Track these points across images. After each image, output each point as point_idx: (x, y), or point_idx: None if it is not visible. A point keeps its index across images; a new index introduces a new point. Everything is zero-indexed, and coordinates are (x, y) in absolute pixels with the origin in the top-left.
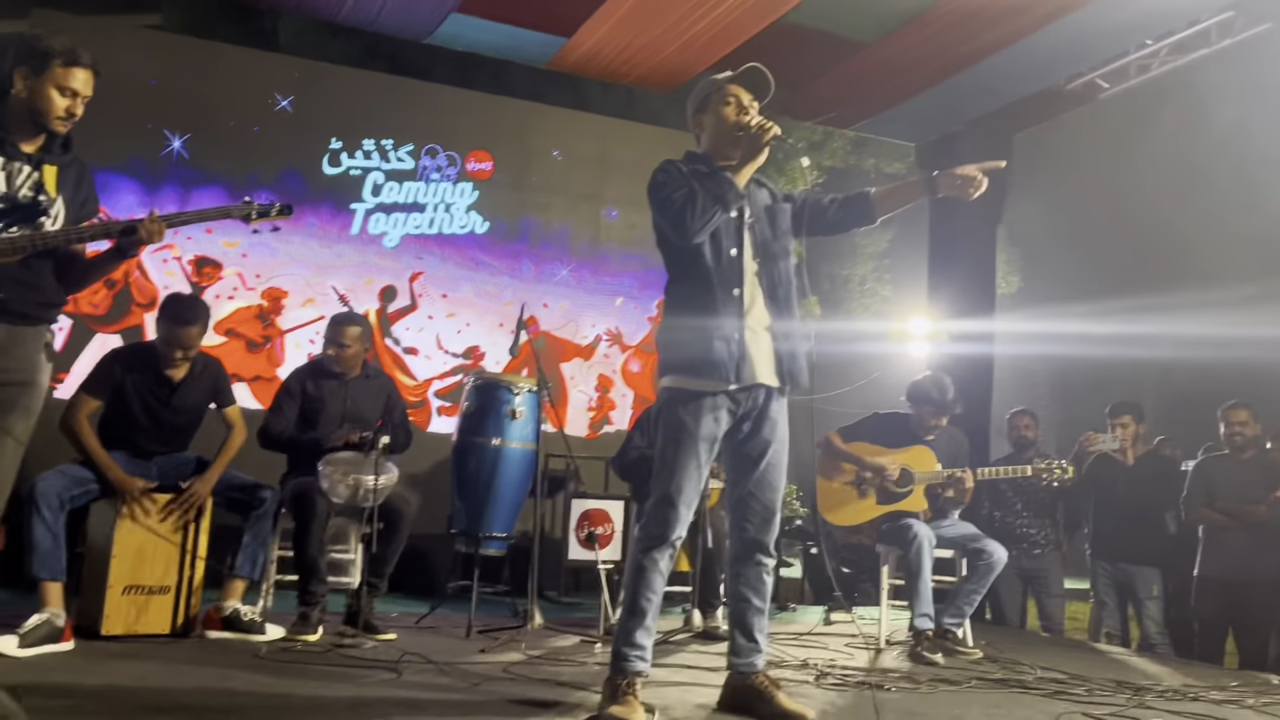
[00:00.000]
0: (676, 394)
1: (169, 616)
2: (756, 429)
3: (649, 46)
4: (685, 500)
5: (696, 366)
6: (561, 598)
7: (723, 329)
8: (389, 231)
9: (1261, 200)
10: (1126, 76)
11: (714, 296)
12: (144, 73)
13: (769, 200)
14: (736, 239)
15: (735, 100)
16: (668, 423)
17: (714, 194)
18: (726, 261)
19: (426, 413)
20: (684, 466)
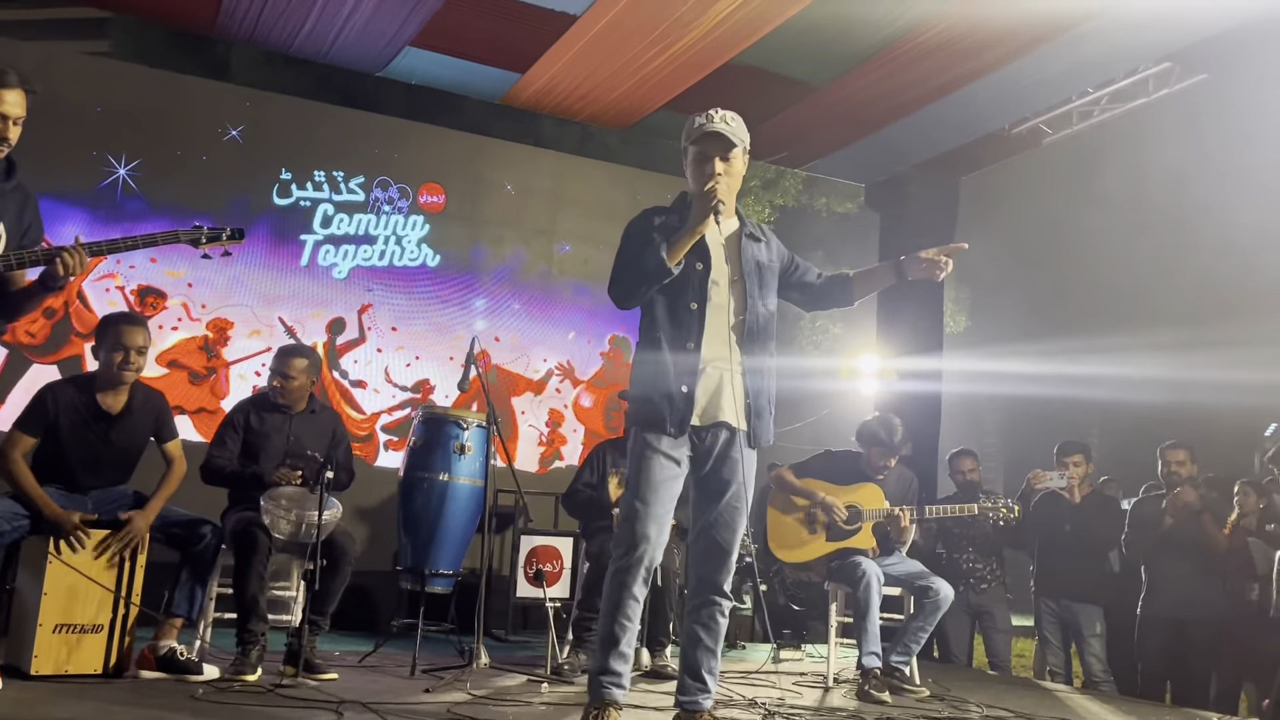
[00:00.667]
0: (639, 439)
1: (101, 656)
2: (717, 467)
3: (602, 85)
4: (647, 507)
5: (643, 423)
6: (509, 636)
7: (670, 382)
8: (339, 263)
9: (1197, 245)
10: (1069, 123)
11: (664, 349)
12: (90, 100)
13: (764, 256)
14: (699, 292)
15: (700, 158)
16: (631, 454)
17: (645, 266)
18: (684, 312)
19: (374, 447)
20: (651, 481)
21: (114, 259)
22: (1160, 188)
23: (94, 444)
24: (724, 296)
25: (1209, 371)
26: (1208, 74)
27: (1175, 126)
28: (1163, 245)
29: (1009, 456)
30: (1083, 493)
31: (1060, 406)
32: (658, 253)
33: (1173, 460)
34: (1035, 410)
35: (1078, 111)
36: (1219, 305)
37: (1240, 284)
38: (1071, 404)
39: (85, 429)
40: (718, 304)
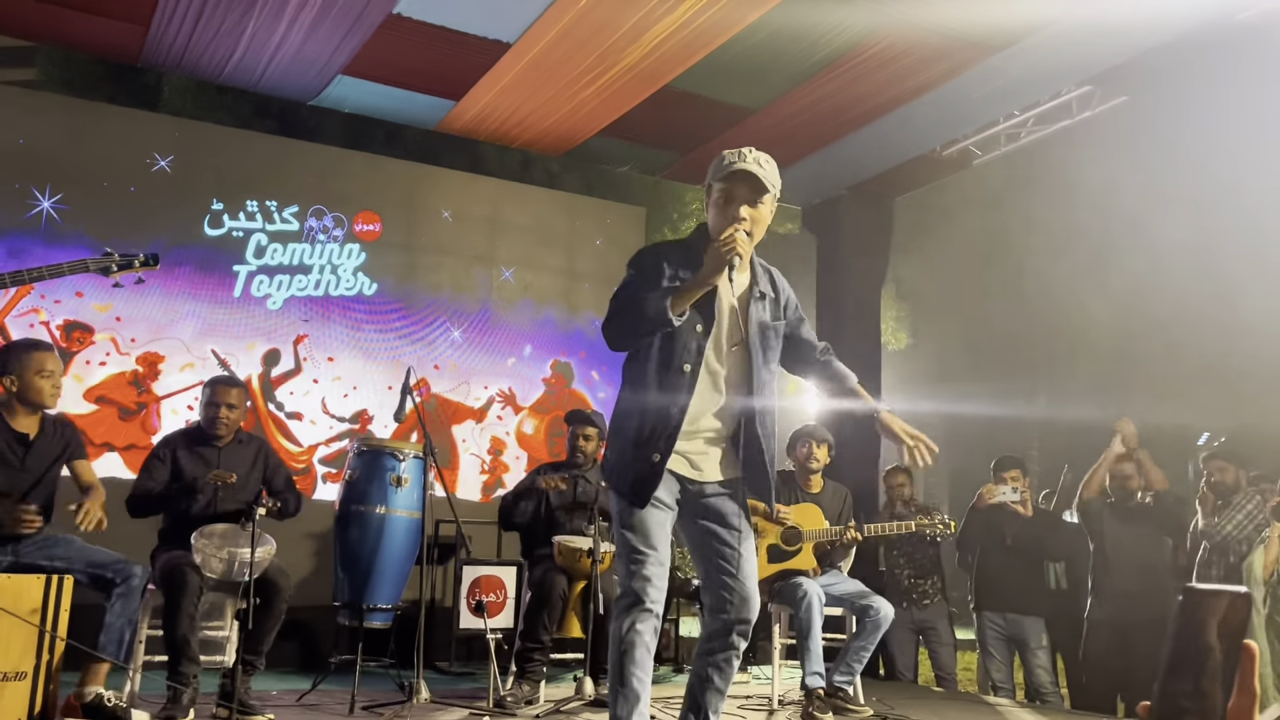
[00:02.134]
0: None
1: (25, 705)
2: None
3: (538, 111)
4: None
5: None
6: (453, 668)
7: (650, 447)
8: (273, 294)
9: (1124, 263)
10: (998, 144)
11: (648, 409)
12: (11, 131)
13: (768, 316)
14: (695, 355)
15: (724, 200)
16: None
17: (648, 313)
18: (675, 374)
19: (311, 479)
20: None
21: (38, 293)
22: (1088, 208)
23: (12, 469)
24: (723, 362)
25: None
26: (1127, 95)
27: (1101, 148)
28: (1091, 264)
29: (952, 471)
30: None
31: (1001, 423)
32: (661, 300)
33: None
34: (978, 427)
35: (1005, 133)
36: (1148, 323)
37: (1170, 300)
38: (1012, 420)
39: (4, 452)
40: (714, 370)
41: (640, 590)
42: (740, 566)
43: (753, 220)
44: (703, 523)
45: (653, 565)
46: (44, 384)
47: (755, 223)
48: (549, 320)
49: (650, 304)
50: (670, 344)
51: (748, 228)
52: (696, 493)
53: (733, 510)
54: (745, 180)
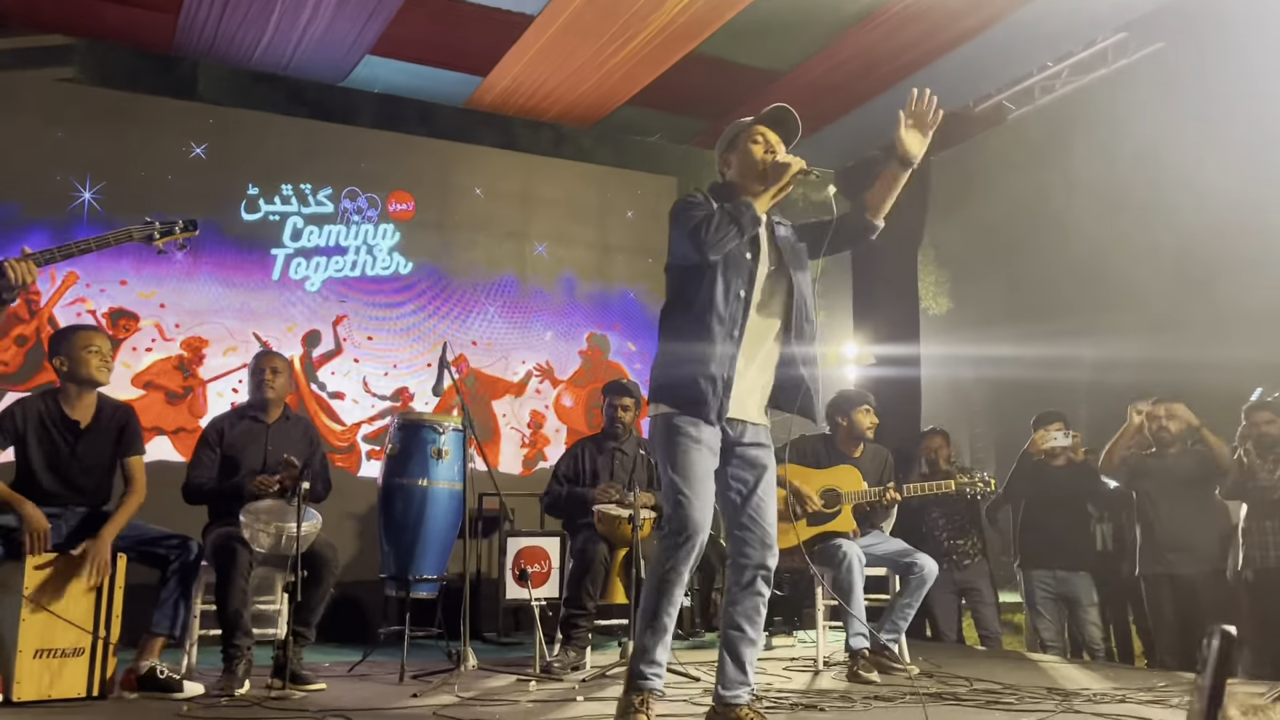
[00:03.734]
0: (670, 418)
1: (84, 679)
2: (747, 458)
3: (566, 82)
4: (696, 493)
5: (683, 404)
6: (501, 638)
7: (714, 367)
8: (311, 276)
9: (1172, 218)
10: (1032, 98)
11: (712, 334)
12: (52, 126)
13: (793, 237)
14: (748, 282)
15: (763, 139)
16: (666, 440)
17: (732, 214)
18: (733, 301)
19: (356, 457)
20: (692, 467)
21: (83, 282)
22: (1132, 160)
23: (62, 455)
24: (769, 285)
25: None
26: (1164, 41)
27: (1144, 97)
28: (1139, 220)
29: (998, 436)
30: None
31: (1046, 384)
32: (747, 203)
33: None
34: (1022, 390)
35: (1040, 86)
36: (1198, 278)
37: (1222, 255)
38: (1057, 381)
39: (53, 439)
40: (765, 293)
41: (684, 524)
42: (764, 513)
43: None
44: (733, 468)
45: (699, 507)
46: (90, 358)
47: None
48: (584, 293)
49: (741, 207)
50: (726, 271)
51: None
52: (735, 437)
53: (761, 456)
54: (780, 121)
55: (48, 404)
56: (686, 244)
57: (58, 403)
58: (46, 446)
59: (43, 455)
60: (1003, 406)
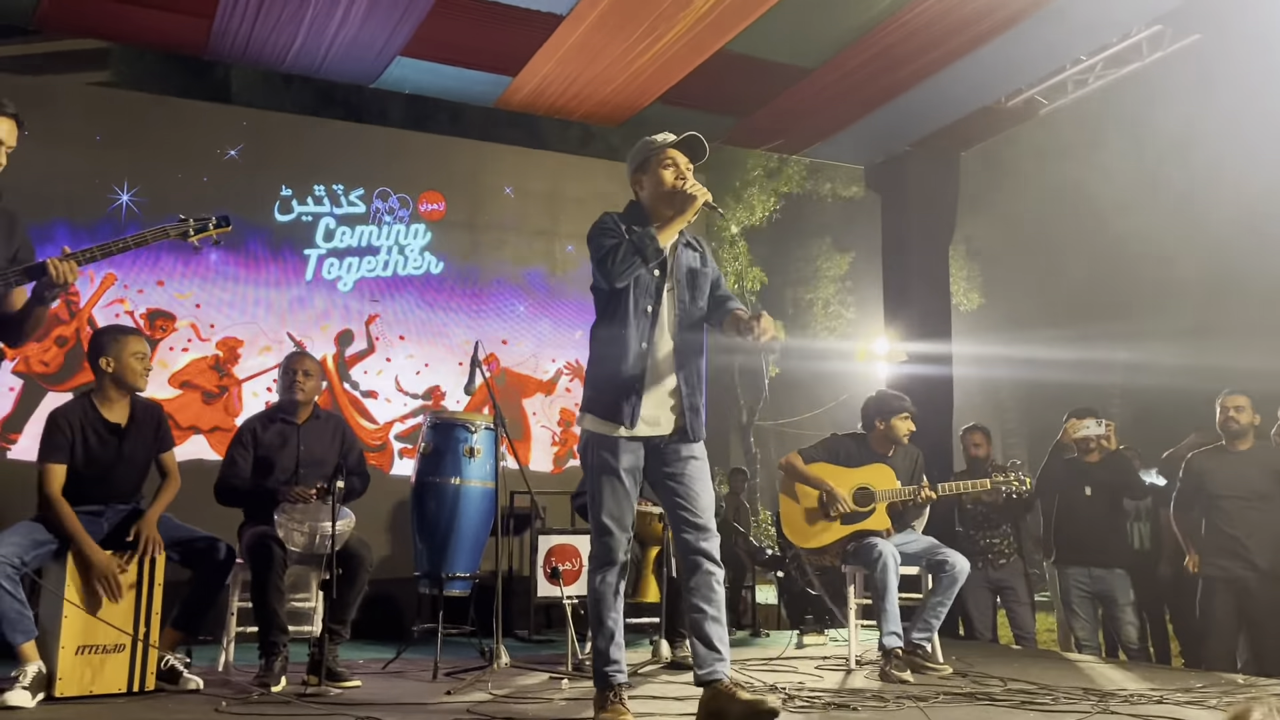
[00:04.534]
0: (592, 436)
1: (125, 675)
2: (668, 458)
3: (595, 82)
4: (619, 523)
5: (603, 410)
6: (532, 635)
7: (628, 380)
8: (343, 276)
9: (1208, 214)
10: (1064, 92)
11: (625, 348)
12: (89, 130)
13: (697, 264)
14: (654, 298)
15: (673, 163)
16: (590, 461)
17: (636, 246)
18: (639, 316)
19: (388, 455)
20: (608, 495)
21: (121, 283)
22: (1166, 154)
23: (108, 458)
24: (670, 300)
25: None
26: (1201, 34)
27: (1177, 91)
28: (1174, 215)
29: (1029, 434)
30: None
31: (1079, 382)
32: (651, 235)
33: (1231, 406)
34: (1054, 387)
35: (1073, 80)
36: (1234, 272)
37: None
38: (1090, 379)
39: (98, 444)
40: (666, 307)
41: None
42: (690, 498)
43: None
44: (662, 471)
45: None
46: (138, 365)
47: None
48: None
49: (644, 240)
50: (635, 288)
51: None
52: (657, 449)
53: (682, 451)
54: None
55: (86, 409)
56: (596, 272)
57: (95, 406)
58: (92, 451)
59: (89, 459)
60: (1034, 404)
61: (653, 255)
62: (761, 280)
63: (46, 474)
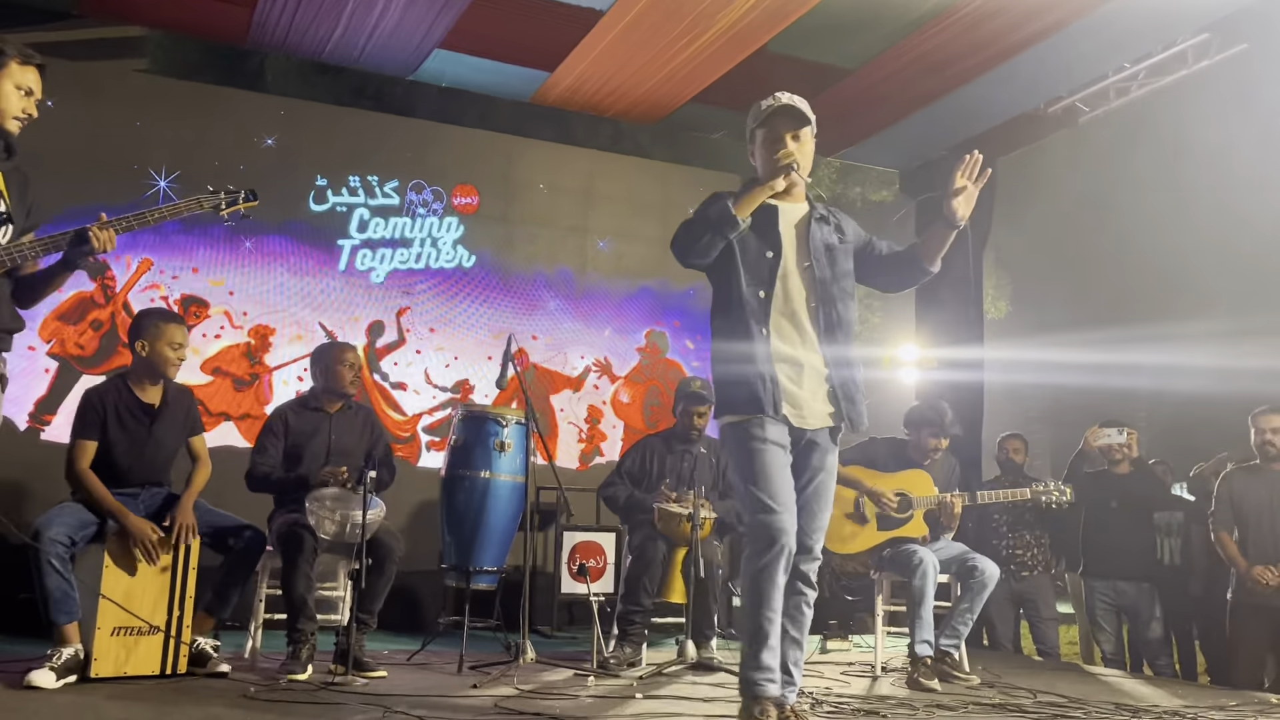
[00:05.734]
0: (737, 425)
1: (159, 657)
2: (804, 456)
3: (631, 79)
4: (781, 503)
5: (739, 405)
6: (555, 632)
7: (757, 368)
8: (376, 267)
9: (1244, 225)
10: (1106, 100)
11: (746, 333)
12: (129, 116)
13: (834, 239)
14: (768, 281)
15: (770, 130)
16: (739, 447)
17: (708, 217)
18: (755, 303)
19: (416, 447)
20: (768, 472)
21: (157, 269)
22: (1203, 165)
23: (140, 438)
24: (795, 284)
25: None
26: (1248, 44)
27: (1217, 101)
28: (1209, 226)
29: (1054, 443)
30: (1132, 460)
31: (1106, 392)
32: (723, 201)
33: (1267, 427)
34: (1080, 397)
35: (1115, 88)
36: (1271, 288)
37: None
38: (1117, 389)
39: (131, 424)
40: (787, 292)
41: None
42: (812, 517)
43: (798, 151)
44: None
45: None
46: (171, 355)
47: (801, 153)
48: (643, 290)
49: (714, 206)
50: (748, 273)
51: (795, 151)
52: (797, 443)
53: (813, 460)
54: (784, 116)
55: (120, 390)
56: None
57: (129, 387)
58: (127, 431)
59: (123, 440)
60: (1060, 413)
61: (723, 226)
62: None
63: (76, 449)
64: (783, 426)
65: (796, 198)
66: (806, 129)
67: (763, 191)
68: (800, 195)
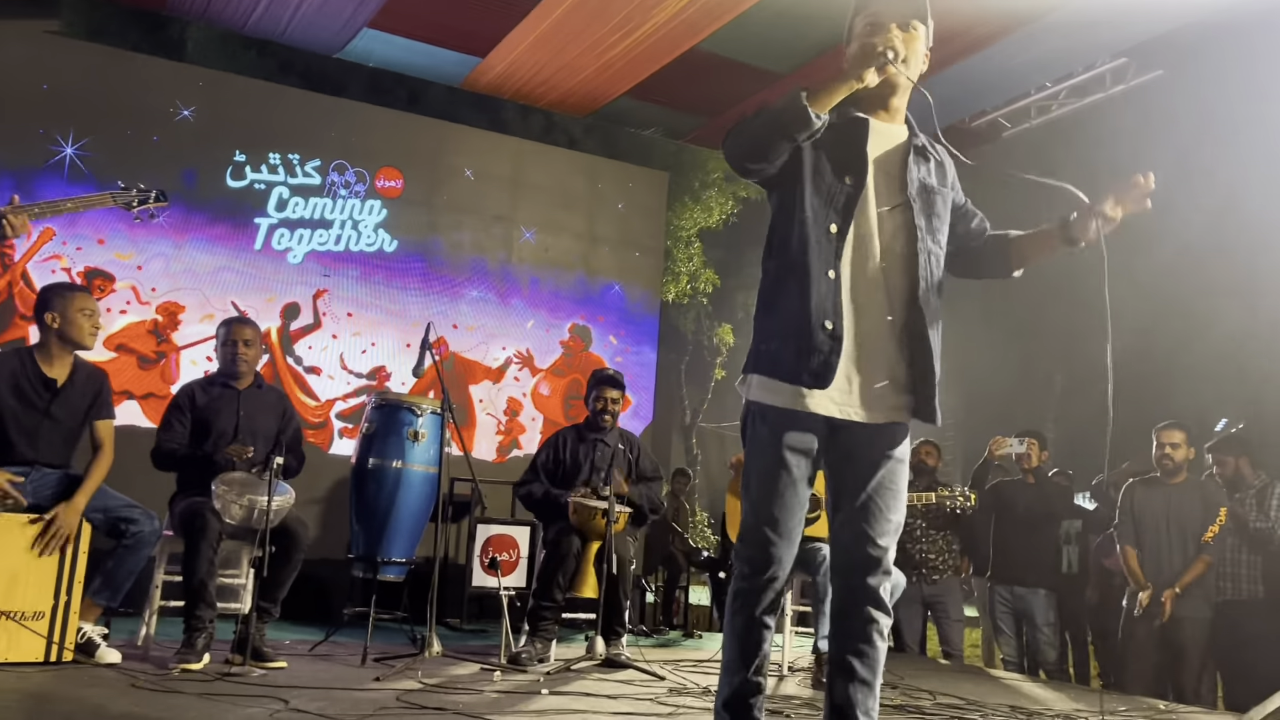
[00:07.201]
0: (756, 406)
1: (43, 643)
2: (862, 448)
3: (564, 69)
4: (780, 530)
5: (770, 365)
6: (464, 625)
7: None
8: (293, 248)
9: (1152, 248)
10: (1028, 117)
11: (805, 275)
12: (36, 77)
13: (934, 180)
14: (842, 215)
15: (871, 22)
16: (751, 437)
17: (778, 108)
18: (824, 241)
19: (328, 434)
20: (769, 487)
21: (60, 239)
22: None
23: (36, 414)
24: (877, 228)
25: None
26: (1163, 70)
27: (1131, 125)
28: (1117, 244)
29: (965, 449)
30: (1037, 470)
31: (1016, 402)
32: (795, 91)
33: (1167, 442)
34: (990, 404)
35: (1036, 106)
36: (1173, 307)
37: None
38: (1027, 400)
39: (29, 397)
40: (866, 234)
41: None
42: (879, 518)
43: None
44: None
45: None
46: (85, 323)
47: (909, 49)
48: (568, 283)
49: (784, 98)
50: (818, 202)
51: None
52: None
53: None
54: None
55: (24, 361)
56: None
57: (35, 360)
58: (22, 404)
59: (16, 413)
60: (972, 419)
61: (792, 122)
62: (714, 283)
63: None
64: (820, 419)
65: (894, 116)
66: (921, 26)
67: (846, 85)
68: (900, 115)
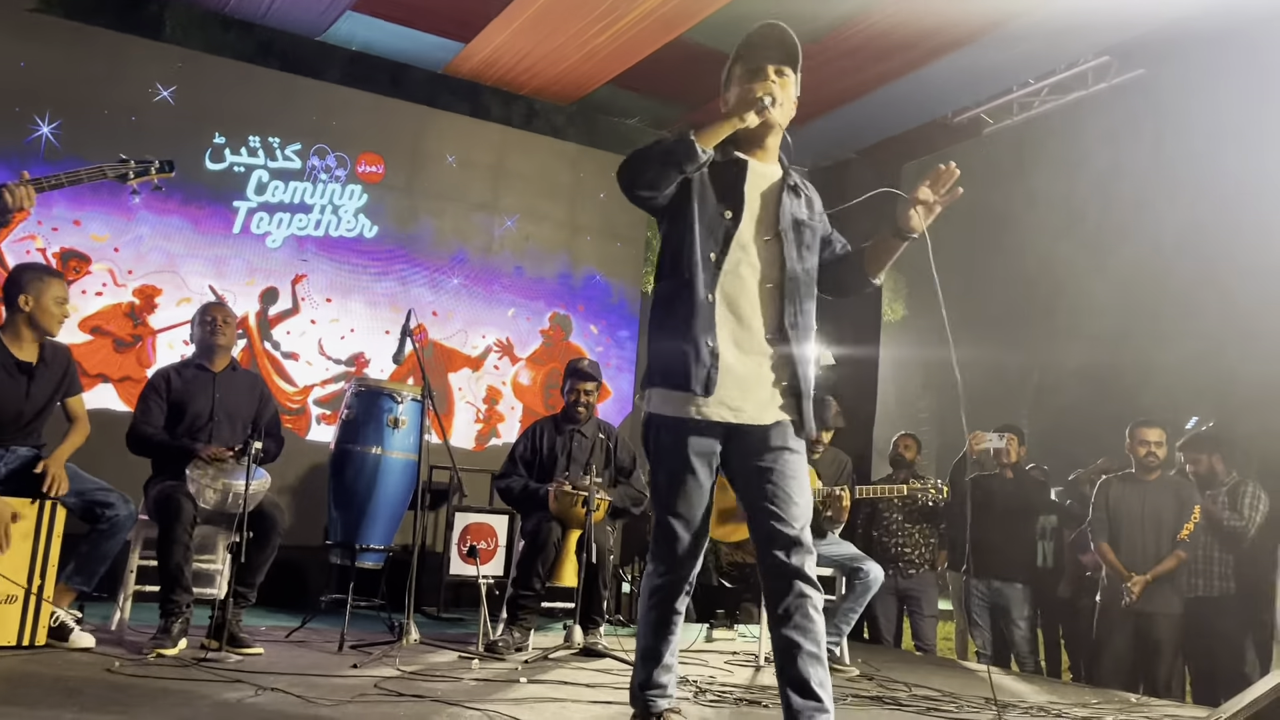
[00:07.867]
0: (655, 417)
1: (16, 628)
2: (755, 446)
3: (548, 57)
4: (691, 530)
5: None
6: (441, 613)
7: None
8: (272, 232)
9: (1125, 242)
10: (1009, 114)
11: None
12: (13, 54)
13: (804, 214)
14: (721, 245)
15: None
16: (654, 447)
17: (670, 144)
18: (706, 265)
19: (306, 420)
20: (678, 490)
21: (35, 219)
22: (1093, 183)
23: (15, 396)
24: (753, 257)
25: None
26: (1144, 69)
27: (1111, 123)
28: (1092, 243)
29: (941, 443)
30: (1014, 465)
31: (992, 397)
32: (685, 129)
33: (1151, 440)
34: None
35: (1018, 102)
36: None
37: (1167, 285)
38: (1003, 395)
39: (7, 380)
40: (743, 261)
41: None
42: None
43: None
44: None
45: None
46: (56, 310)
47: (781, 94)
48: (550, 272)
49: (676, 139)
50: (702, 231)
51: (775, 89)
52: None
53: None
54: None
55: None
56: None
57: (3, 343)
58: (1, 388)
59: None
60: (948, 413)
61: (681, 156)
62: None
63: None
64: (718, 426)
65: (769, 155)
66: (792, 74)
67: (730, 124)
68: (773, 155)
